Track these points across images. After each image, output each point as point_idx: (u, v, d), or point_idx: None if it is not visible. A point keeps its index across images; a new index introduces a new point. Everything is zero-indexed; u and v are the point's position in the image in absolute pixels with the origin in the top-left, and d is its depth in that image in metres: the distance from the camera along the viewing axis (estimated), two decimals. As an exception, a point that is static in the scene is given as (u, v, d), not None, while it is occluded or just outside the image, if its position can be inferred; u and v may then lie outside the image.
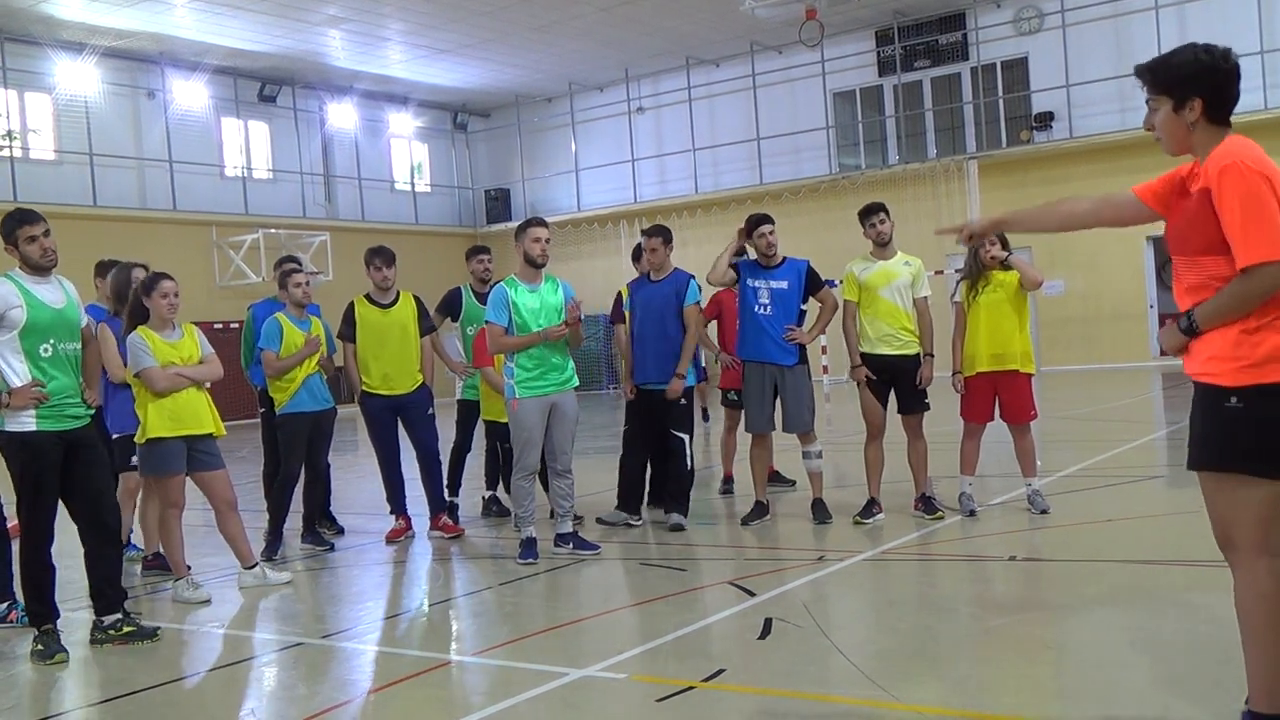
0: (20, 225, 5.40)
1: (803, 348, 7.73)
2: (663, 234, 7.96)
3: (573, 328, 7.04)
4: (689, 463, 7.82)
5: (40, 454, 5.35)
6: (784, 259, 7.77)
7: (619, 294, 8.41)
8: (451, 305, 8.81)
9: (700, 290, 8.01)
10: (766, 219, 7.73)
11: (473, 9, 22.03)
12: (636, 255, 8.48)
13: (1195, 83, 3.30)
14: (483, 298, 8.57)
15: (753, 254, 7.94)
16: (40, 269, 5.46)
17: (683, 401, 7.83)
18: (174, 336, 6.43)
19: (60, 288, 5.56)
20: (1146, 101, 3.43)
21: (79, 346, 5.60)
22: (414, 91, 28.36)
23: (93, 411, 5.71)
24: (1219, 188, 3.18)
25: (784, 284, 7.65)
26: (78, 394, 5.54)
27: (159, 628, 5.69)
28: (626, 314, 8.20)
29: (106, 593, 5.55)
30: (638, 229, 27.23)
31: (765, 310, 7.63)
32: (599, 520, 7.76)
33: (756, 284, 7.69)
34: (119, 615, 5.56)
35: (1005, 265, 7.30)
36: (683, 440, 7.83)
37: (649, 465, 8.12)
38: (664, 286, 7.90)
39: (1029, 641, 4.80)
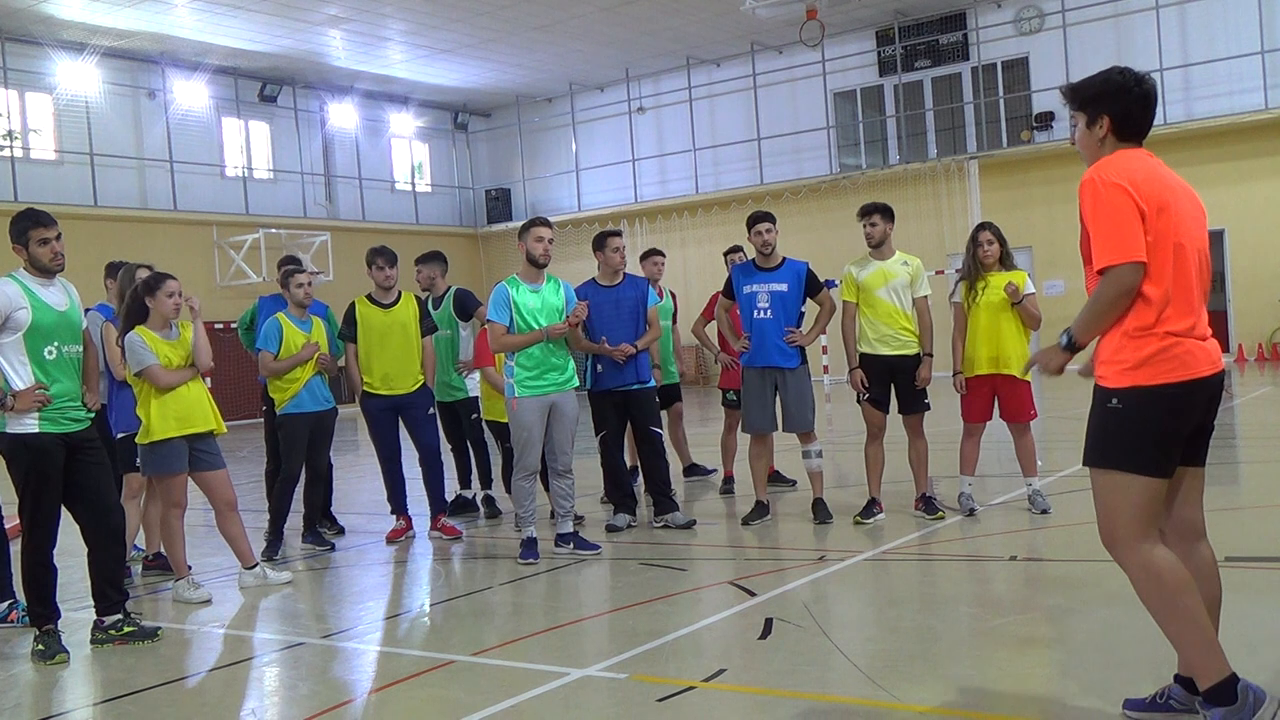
0: (34, 227, 5.40)
1: (803, 349, 7.74)
2: (620, 234, 8.09)
3: (574, 329, 7.06)
4: (665, 459, 7.93)
5: (43, 456, 5.35)
6: (783, 260, 7.77)
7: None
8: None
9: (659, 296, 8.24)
10: (766, 216, 7.73)
11: (473, 9, 22.04)
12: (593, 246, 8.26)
13: (1105, 101, 3.56)
14: (433, 302, 8.82)
15: (750, 253, 7.96)
16: (47, 272, 5.46)
17: (656, 399, 8.04)
18: (172, 336, 6.43)
19: (64, 290, 5.56)
20: (1070, 118, 3.69)
21: (81, 349, 5.60)
22: (414, 91, 28.36)
23: (93, 414, 5.72)
24: (1080, 202, 3.43)
25: (783, 286, 7.65)
26: (79, 397, 5.55)
27: (160, 628, 5.70)
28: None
29: (108, 593, 5.56)
30: (639, 229, 27.26)
31: (765, 314, 7.64)
32: (608, 528, 7.77)
33: (754, 288, 7.69)
34: (120, 615, 5.57)
35: (1016, 302, 7.27)
36: (661, 435, 7.92)
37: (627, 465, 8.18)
38: (624, 291, 7.90)
39: (1029, 641, 4.80)
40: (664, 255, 9.95)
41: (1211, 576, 3.59)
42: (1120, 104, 3.52)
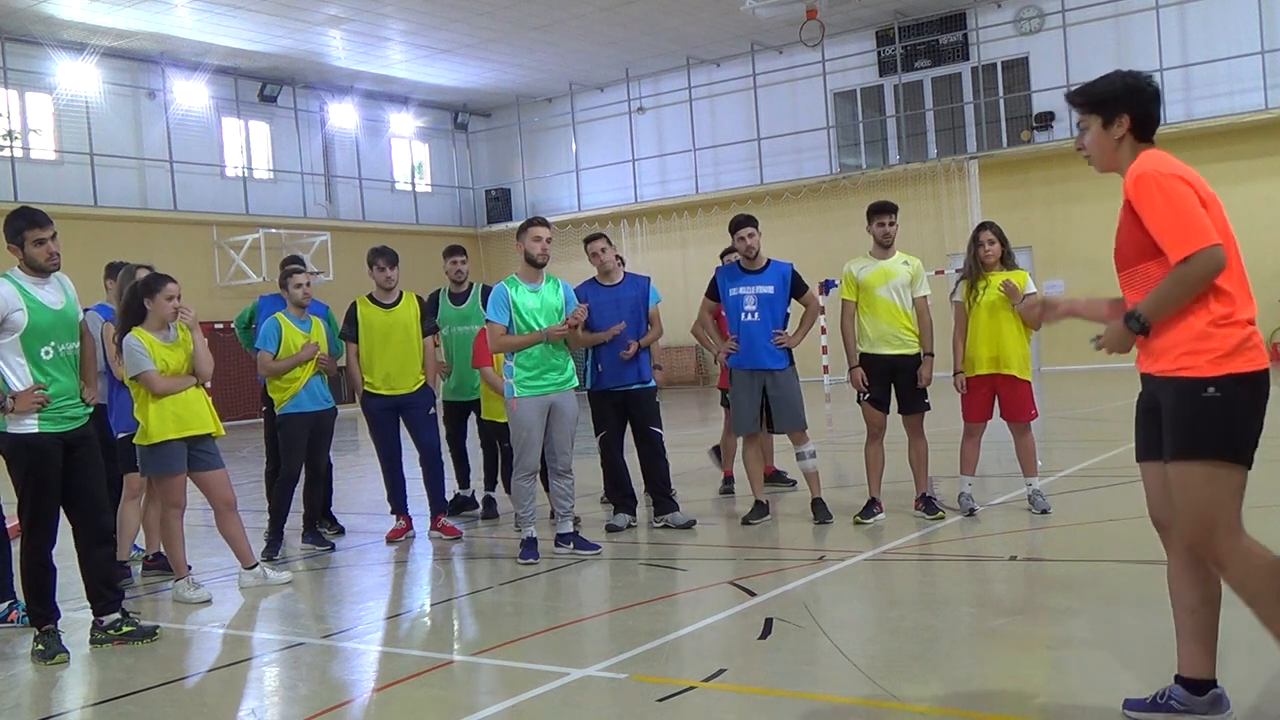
0: (30, 227, 5.37)
1: (789, 349, 7.76)
2: (605, 236, 8.10)
3: (573, 331, 7.06)
4: (665, 459, 7.92)
5: (43, 456, 5.34)
6: (768, 261, 7.79)
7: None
8: (433, 308, 8.84)
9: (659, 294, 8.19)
10: (749, 221, 7.75)
11: (473, 9, 22.03)
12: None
13: (1122, 101, 3.55)
14: (456, 298, 8.78)
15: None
16: (43, 271, 5.44)
17: (657, 399, 8.03)
18: (170, 338, 6.42)
19: (60, 287, 5.53)
20: (1078, 124, 3.68)
21: (78, 346, 5.58)
22: (414, 91, 28.35)
23: (91, 410, 5.68)
24: (1136, 197, 3.40)
25: (769, 288, 7.67)
26: (77, 394, 5.53)
27: (158, 626, 5.69)
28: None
29: (104, 593, 5.55)
30: (639, 229, 27.28)
31: (752, 316, 7.66)
32: (608, 528, 7.78)
33: (740, 291, 7.71)
34: (118, 615, 5.56)
35: (1017, 302, 7.24)
36: (661, 435, 7.92)
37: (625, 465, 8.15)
38: (624, 290, 7.93)
39: (1029, 641, 4.80)
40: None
41: (1214, 577, 3.58)
42: (1137, 103, 3.54)
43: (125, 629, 5.52)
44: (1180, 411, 3.40)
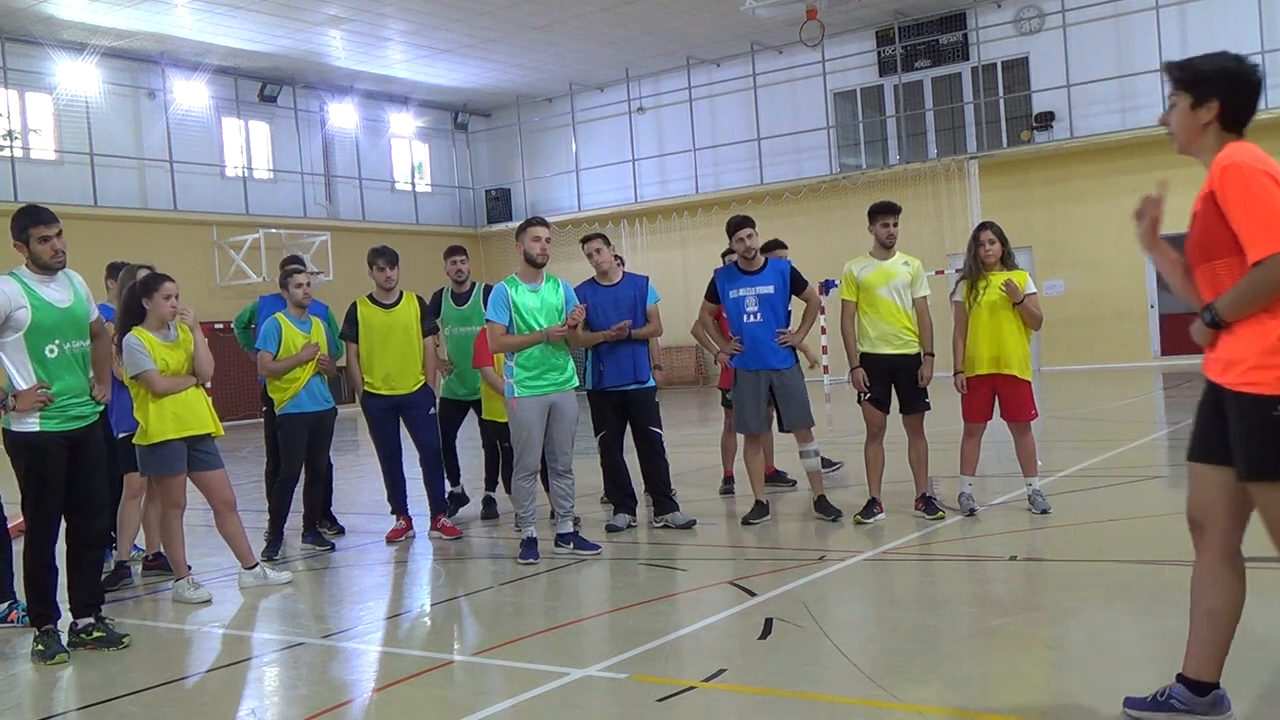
0: (35, 224, 5.35)
1: (794, 347, 7.76)
2: (603, 237, 8.09)
3: (573, 331, 7.06)
4: (665, 459, 7.92)
5: (45, 455, 5.34)
6: (766, 261, 7.80)
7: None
8: (435, 308, 8.84)
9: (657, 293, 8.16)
10: (747, 222, 7.75)
11: (473, 9, 22.04)
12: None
13: (1218, 84, 3.37)
14: (459, 298, 8.72)
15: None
16: (48, 269, 5.43)
17: (656, 400, 8.02)
18: (170, 337, 6.41)
19: (68, 283, 5.51)
20: (1168, 97, 3.49)
21: (87, 344, 5.56)
22: (414, 91, 28.36)
23: (100, 408, 5.66)
24: (1222, 188, 3.24)
25: (769, 288, 7.68)
26: (85, 392, 5.50)
27: (126, 635, 5.58)
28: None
29: (84, 597, 5.53)
30: (639, 229, 27.27)
31: (755, 318, 7.66)
32: (608, 528, 7.78)
33: (742, 293, 7.71)
34: (91, 620, 5.53)
35: (1017, 301, 7.23)
36: (660, 435, 7.92)
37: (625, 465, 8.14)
38: (621, 290, 7.94)
39: (1029, 641, 4.80)
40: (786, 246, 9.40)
41: (1242, 585, 3.56)
42: (1235, 91, 3.37)
43: (96, 634, 5.48)
44: (1250, 431, 3.26)
